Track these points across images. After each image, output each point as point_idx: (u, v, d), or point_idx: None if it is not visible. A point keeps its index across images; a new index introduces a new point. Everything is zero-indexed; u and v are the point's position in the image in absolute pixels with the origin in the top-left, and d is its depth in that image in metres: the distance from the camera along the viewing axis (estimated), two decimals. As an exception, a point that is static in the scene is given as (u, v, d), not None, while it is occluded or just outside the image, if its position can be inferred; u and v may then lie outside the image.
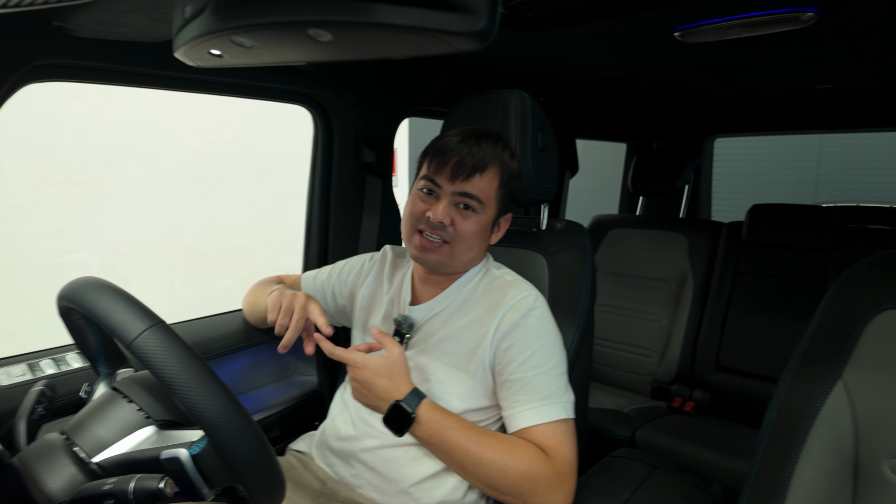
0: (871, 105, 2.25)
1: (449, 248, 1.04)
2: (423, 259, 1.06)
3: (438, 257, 1.05)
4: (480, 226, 1.04)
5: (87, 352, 0.86)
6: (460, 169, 1.01)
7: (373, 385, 0.96)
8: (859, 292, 0.83)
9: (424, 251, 1.04)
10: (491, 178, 1.03)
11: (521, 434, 0.96)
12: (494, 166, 1.04)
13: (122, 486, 0.63)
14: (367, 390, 0.97)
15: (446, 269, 1.09)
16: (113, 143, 4.72)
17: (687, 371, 2.13)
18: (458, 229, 1.03)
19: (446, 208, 1.02)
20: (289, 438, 1.29)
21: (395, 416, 0.94)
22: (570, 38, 1.46)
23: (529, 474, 0.91)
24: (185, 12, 0.64)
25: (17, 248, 4.17)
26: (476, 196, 1.02)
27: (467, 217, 1.03)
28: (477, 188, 1.02)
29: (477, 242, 1.06)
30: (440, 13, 0.50)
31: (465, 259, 1.07)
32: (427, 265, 1.08)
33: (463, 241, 1.04)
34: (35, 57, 0.97)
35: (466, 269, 1.12)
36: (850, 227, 2.04)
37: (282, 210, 4.97)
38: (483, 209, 1.04)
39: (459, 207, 1.03)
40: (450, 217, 1.02)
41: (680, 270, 2.23)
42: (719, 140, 2.92)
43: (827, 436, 0.79)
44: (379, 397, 0.96)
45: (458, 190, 1.02)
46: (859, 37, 1.37)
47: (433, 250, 1.04)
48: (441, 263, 1.06)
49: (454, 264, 1.07)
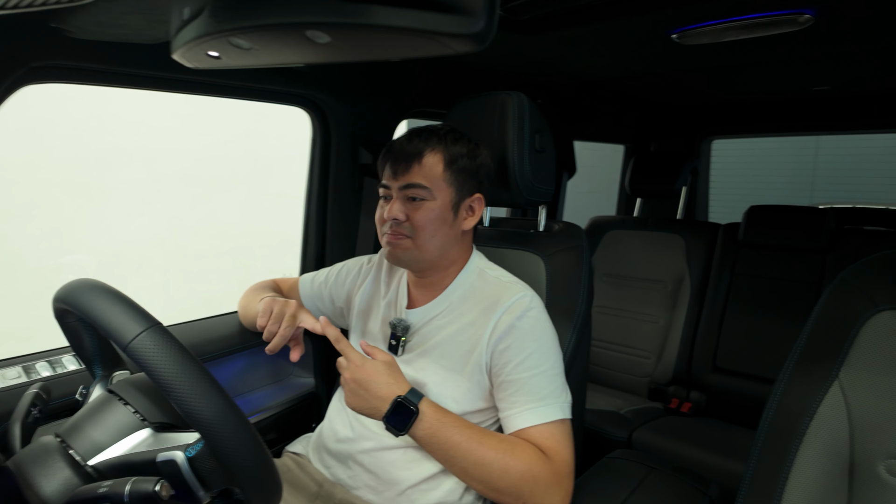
0: (868, 107, 2.26)
1: (410, 241, 1.04)
2: (395, 258, 1.07)
3: (405, 252, 1.05)
4: (434, 212, 1.04)
5: (82, 354, 0.86)
6: (399, 163, 1.04)
7: (373, 383, 0.93)
8: (855, 293, 0.83)
9: (392, 249, 1.06)
10: (432, 163, 1.04)
11: (519, 435, 0.96)
12: (432, 151, 1.04)
13: (118, 489, 0.63)
14: (365, 390, 0.94)
15: (421, 264, 1.08)
16: (110, 145, 4.71)
17: (684, 372, 2.14)
18: (413, 221, 1.03)
19: (398, 204, 1.04)
20: (285, 440, 1.29)
21: (398, 412, 0.92)
22: (567, 40, 1.46)
23: (530, 474, 0.91)
24: (183, 14, 0.64)
25: (13, 249, 4.16)
26: (419, 184, 1.03)
27: (418, 207, 1.03)
28: (418, 176, 1.03)
29: (438, 229, 1.05)
30: (438, 15, 0.50)
31: (431, 248, 1.06)
32: (400, 263, 1.09)
33: (422, 231, 1.04)
34: (32, 58, 0.97)
35: (449, 262, 1.11)
36: (846, 229, 2.05)
37: (279, 212, 4.97)
38: (432, 194, 1.03)
39: (410, 201, 1.04)
40: (403, 212, 1.03)
41: (677, 272, 2.24)
42: (716, 142, 2.92)
43: (823, 436, 0.79)
44: (378, 396, 0.93)
45: (402, 184, 1.04)
46: (856, 39, 1.38)
47: (398, 246, 1.05)
48: (412, 259, 1.06)
49: (425, 256, 1.06)
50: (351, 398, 0.96)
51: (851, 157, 7.22)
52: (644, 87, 2.23)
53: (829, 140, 7.38)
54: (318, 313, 1.31)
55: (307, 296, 1.31)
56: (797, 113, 2.46)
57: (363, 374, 0.94)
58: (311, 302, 1.31)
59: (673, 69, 1.80)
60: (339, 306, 1.28)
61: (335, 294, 1.28)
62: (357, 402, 0.95)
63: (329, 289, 1.29)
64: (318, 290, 1.30)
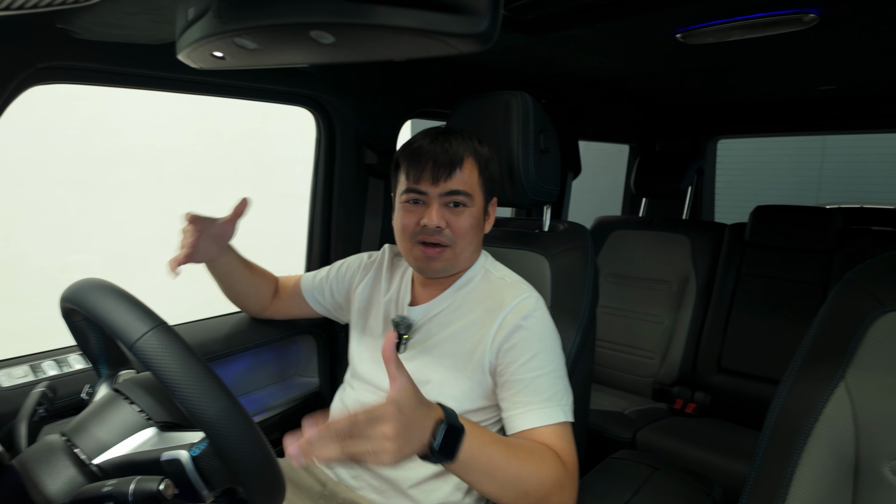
0: (874, 106, 2.25)
1: (451, 251, 1.04)
2: (430, 269, 1.06)
3: (443, 264, 1.05)
4: (474, 218, 1.05)
5: (88, 353, 0.86)
6: (440, 169, 1.01)
7: (415, 419, 0.72)
8: (862, 294, 0.82)
9: (429, 261, 1.05)
10: (470, 168, 1.04)
11: (524, 435, 0.96)
12: (469, 156, 1.04)
13: (122, 488, 0.63)
14: (409, 433, 0.71)
15: (454, 271, 1.09)
16: (115, 145, 4.73)
17: (688, 373, 2.13)
18: (455, 228, 1.03)
19: (439, 211, 1.02)
20: (289, 440, 1.29)
21: (449, 436, 0.75)
22: (572, 40, 1.46)
23: (559, 481, 0.89)
24: (188, 14, 0.65)
25: (18, 249, 4.18)
26: (463, 191, 1.03)
27: (460, 214, 1.03)
28: (461, 182, 1.02)
29: (475, 236, 1.07)
30: (442, 15, 0.50)
31: (466, 256, 1.08)
32: (434, 274, 1.08)
33: (462, 239, 1.04)
34: (38, 59, 0.97)
35: (468, 266, 1.12)
36: (853, 229, 2.04)
37: (283, 212, 4.97)
38: (472, 201, 1.04)
39: (450, 206, 1.03)
40: (444, 220, 1.02)
41: (682, 272, 2.23)
42: (722, 141, 2.91)
43: (828, 437, 0.79)
44: (423, 429, 0.74)
45: (443, 190, 1.02)
46: (861, 38, 1.37)
47: (437, 258, 1.04)
48: (446, 268, 1.07)
49: (458, 265, 1.08)
50: (398, 454, 0.69)
51: (858, 157, 7.19)
52: (649, 87, 2.22)
53: (835, 139, 7.35)
54: (319, 306, 1.33)
55: (308, 290, 1.32)
56: (803, 112, 2.44)
57: (404, 420, 0.70)
58: (311, 295, 1.32)
59: (677, 69, 1.80)
60: (338, 300, 1.29)
61: (335, 288, 1.29)
62: (405, 451, 0.71)
63: (329, 283, 1.30)
64: (319, 284, 1.31)
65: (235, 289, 1.29)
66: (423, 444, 0.74)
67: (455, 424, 0.77)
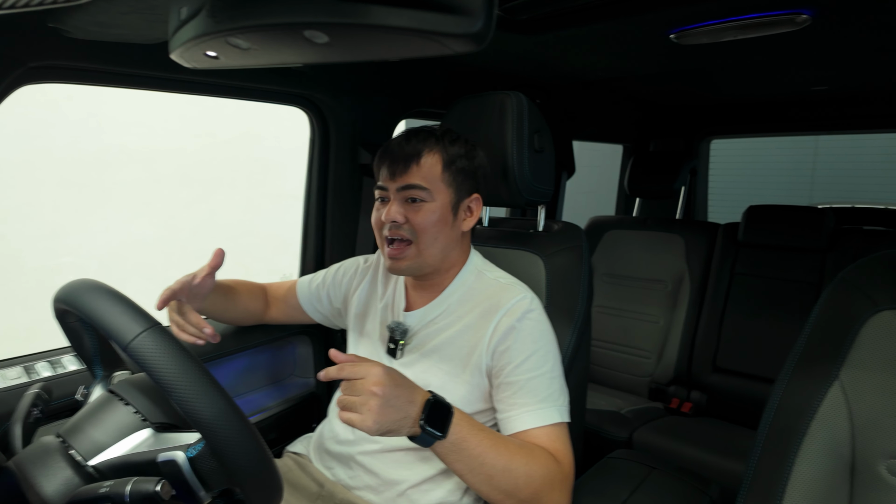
0: (866, 106, 2.27)
1: (414, 247, 1.03)
2: (397, 269, 1.05)
3: (409, 262, 1.04)
4: (435, 213, 1.03)
5: (83, 354, 0.86)
6: (397, 164, 1.02)
7: (400, 388, 0.81)
8: (855, 293, 0.83)
9: (395, 261, 1.04)
10: (431, 163, 1.03)
11: (519, 436, 0.96)
12: (431, 151, 1.04)
13: (119, 489, 0.63)
14: (393, 402, 0.79)
15: (424, 269, 1.07)
16: (109, 145, 4.71)
17: (684, 372, 2.14)
18: (414, 223, 1.02)
19: (397, 206, 1.02)
20: (286, 440, 1.29)
21: (437, 411, 0.83)
22: (566, 40, 1.46)
23: (549, 479, 0.90)
24: (181, 14, 0.64)
25: (12, 250, 4.15)
26: (418, 185, 1.02)
27: (418, 209, 1.02)
28: (417, 177, 1.02)
29: (440, 232, 1.04)
30: (436, 15, 0.50)
31: (434, 252, 1.05)
32: (402, 273, 1.07)
33: (424, 234, 1.03)
34: (31, 58, 0.97)
35: (450, 265, 1.10)
36: (845, 229, 2.05)
37: (278, 212, 4.96)
38: (431, 196, 1.02)
39: (409, 202, 1.03)
40: (402, 214, 1.02)
41: (677, 271, 2.24)
42: (715, 141, 2.93)
43: (823, 436, 0.79)
44: (410, 400, 0.81)
45: (400, 185, 1.02)
46: (853, 39, 1.38)
47: (401, 258, 1.04)
48: (414, 267, 1.05)
49: (427, 261, 1.05)
50: (381, 414, 0.78)
51: (850, 157, 7.22)
52: (642, 87, 2.23)
53: (828, 140, 7.38)
54: (317, 314, 1.31)
55: (305, 298, 1.31)
56: (796, 113, 2.46)
57: (387, 389, 0.79)
58: (309, 304, 1.31)
59: (671, 69, 1.81)
60: (336, 307, 1.28)
61: (333, 294, 1.28)
62: (389, 415, 0.79)
63: (327, 289, 1.29)
64: (316, 291, 1.30)
65: (226, 317, 1.28)
66: (412, 418, 0.81)
67: (443, 402, 0.84)
